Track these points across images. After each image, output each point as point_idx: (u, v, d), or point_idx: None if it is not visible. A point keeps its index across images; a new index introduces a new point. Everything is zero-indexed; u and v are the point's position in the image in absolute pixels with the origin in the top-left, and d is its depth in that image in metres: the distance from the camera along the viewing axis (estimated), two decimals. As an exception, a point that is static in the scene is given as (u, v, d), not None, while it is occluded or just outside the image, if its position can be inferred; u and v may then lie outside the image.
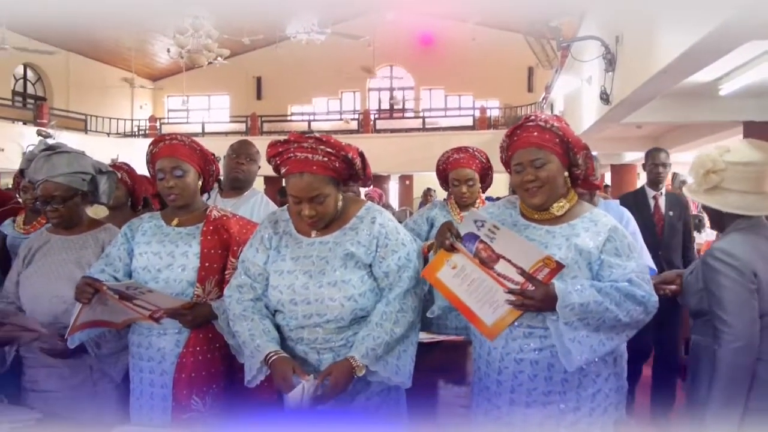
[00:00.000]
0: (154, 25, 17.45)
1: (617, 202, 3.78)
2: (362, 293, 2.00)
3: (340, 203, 2.05)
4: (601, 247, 1.91)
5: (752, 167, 1.99)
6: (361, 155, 2.06)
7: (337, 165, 1.97)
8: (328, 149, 1.96)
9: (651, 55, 4.83)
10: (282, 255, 2.06)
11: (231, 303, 2.08)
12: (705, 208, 2.16)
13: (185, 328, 2.21)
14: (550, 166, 1.93)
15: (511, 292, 1.83)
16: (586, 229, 1.94)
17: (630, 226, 3.26)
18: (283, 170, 2.00)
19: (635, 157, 12.62)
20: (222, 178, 3.41)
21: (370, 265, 2.04)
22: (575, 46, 7.87)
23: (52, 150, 2.45)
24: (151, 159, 2.31)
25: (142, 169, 2.39)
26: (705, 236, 7.17)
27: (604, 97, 6.75)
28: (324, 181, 1.96)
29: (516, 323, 1.90)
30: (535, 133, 1.95)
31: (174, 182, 2.25)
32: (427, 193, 10.20)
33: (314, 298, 1.98)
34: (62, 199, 2.40)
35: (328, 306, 1.97)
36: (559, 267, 1.79)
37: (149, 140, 2.43)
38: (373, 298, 2.03)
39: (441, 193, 5.91)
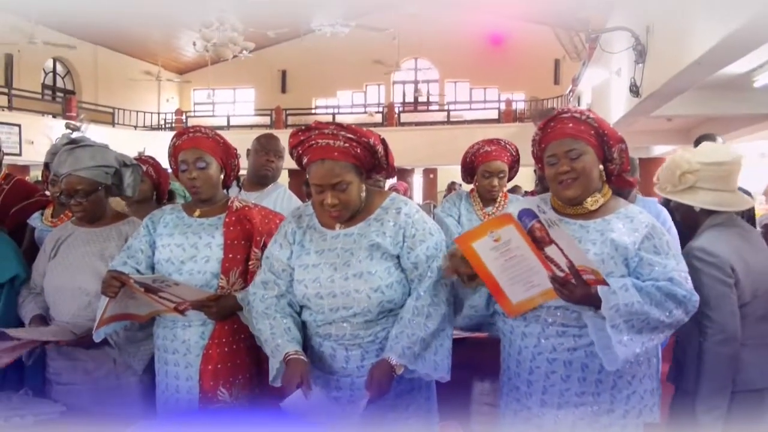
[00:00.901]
0: (180, 18, 17.56)
1: (655, 200, 3.62)
2: (389, 285, 1.96)
3: (363, 194, 2.01)
4: (639, 245, 1.84)
5: (724, 166, 2.15)
6: (383, 142, 2.02)
7: (358, 151, 1.94)
8: (349, 135, 1.93)
9: (683, 45, 4.71)
10: (306, 249, 2.03)
11: (255, 301, 2.06)
12: (677, 208, 2.29)
13: (210, 320, 2.20)
14: (585, 158, 1.88)
15: (554, 278, 1.76)
16: (622, 226, 1.88)
17: (667, 224, 3.08)
18: (305, 160, 1.98)
19: (664, 150, 12.42)
20: (246, 172, 3.41)
21: (398, 257, 2.00)
22: (604, 38, 7.75)
23: (76, 143, 2.45)
24: (173, 152, 2.31)
25: (167, 163, 2.39)
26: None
27: (634, 90, 6.63)
28: (346, 167, 1.92)
29: (550, 320, 1.86)
30: (571, 125, 1.90)
31: (196, 173, 2.24)
32: (452, 187, 10.16)
33: (340, 290, 1.95)
34: (86, 193, 2.40)
35: (355, 298, 1.94)
36: (603, 283, 1.73)
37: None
38: (401, 290, 1.99)
39: (466, 187, 5.87)
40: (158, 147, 16.50)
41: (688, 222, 2.27)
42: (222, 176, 2.33)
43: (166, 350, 2.26)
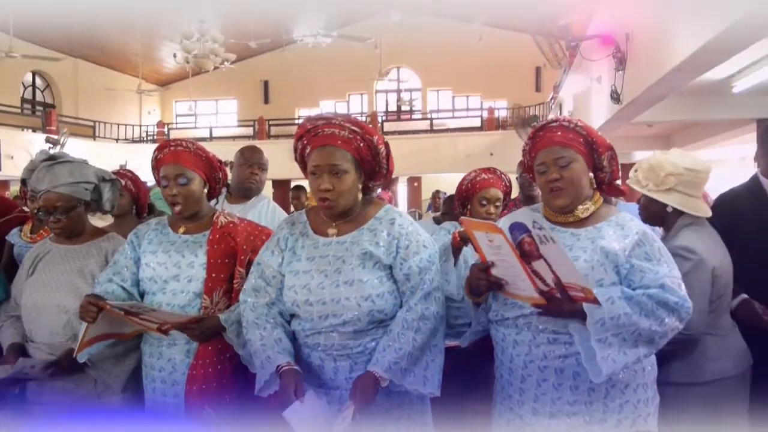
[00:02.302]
0: (160, 30, 17.51)
1: (636, 205, 3.64)
2: (380, 294, 1.94)
3: (359, 195, 2.01)
4: (630, 251, 1.83)
5: (701, 174, 2.32)
6: (386, 145, 2.03)
7: (361, 145, 1.96)
8: (355, 128, 1.96)
9: (663, 53, 4.76)
10: (297, 256, 2.02)
11: (245, 310, 2.03)
12: (649, 204, 2.40)
13: None
14: (575, 166, 1.88)
15: (541, 291, 1.74)
16: (613, 233, 1.87)
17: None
18: (308, 150, 1.98)
19: (645, 156, 12.55)
20: (230, 183, 3.38)
21: (390, 267, 1.98)
22: (584, 45, 7.81)
23: (54, 160, 2.41)
24: (156, 165, 2.28)
25: (150, 175, 2.35)
26: None
27: (615, 96, 6.68)
28: (346, 156, 1.94)
29: (541, 327, 1.84)
30: (559, 133, 1.90)
31: (177, 190, 2.21)
32: (436, 195, 10.17)
33: (330, 297, 1.93)
34: (65, 210, 2.36)
35: (344, 306, 1.92)
36: (594, 302, 1.71)
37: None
38: (392, 301, 1.97)
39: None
40: (140, 160, 16.40)
41: (654, 219, 2.40)
42: (206, 190, 2.30)
43: (153, 368, 2.22)
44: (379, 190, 5.82)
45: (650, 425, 1.88)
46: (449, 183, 3.55)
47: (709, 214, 2.36)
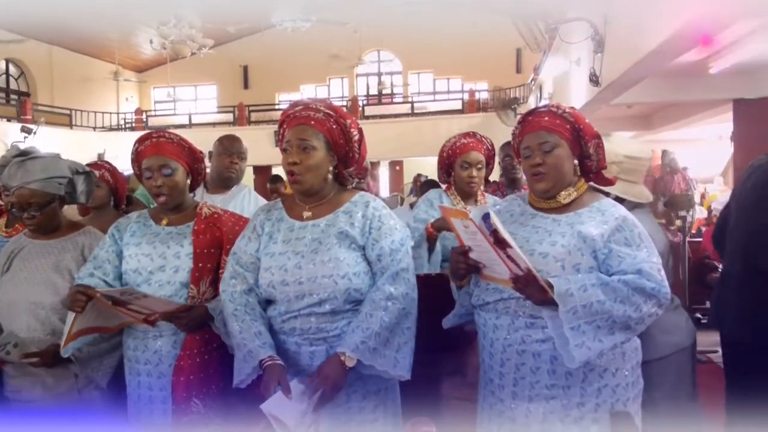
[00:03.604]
0: (137, 16, 17.21)
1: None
2: (356, 273, 1.97)
3: (330, 177, 2.04)
4: (608, 236, 1.85)
5: (642, 161, 2.37)
6: (360, 131, 2.07)
7: (333, 127, 2.00)
8: (328, 111, 2.01)
9: (641, 35, 4.77)
10: (274, 239, 2.04)
11: (225, 301, 2.04)
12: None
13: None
14: (558, 151, 1.90)
15: (516, 278, 1.75)
16: (592, 218, 1.89)
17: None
18: (286, 134, 2.03)
19: (625, 136, 12.66)
20: (208, 173, 3.36)
21: (364, 248, 2.01)
22: (563, 28, 7.81)
23: (26, 155, 2.38)
24: (137, 158, 2.26)
25: (130, 162, 2.32)
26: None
27: (594, 79, 6.70)
28: (316, 135, 1.99)
29: (520, 312, 1.86)
30: (546, 118, 1.92)
31: (162, 181, 2.20)
32: (417, 179, 10.16)
33: (307, 276, 1.94)
34: (39, 206, 2.33)
35: (321, 284, 1.94)
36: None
37: (136, 134, 2.38)
38: (369, 282, 1.99)
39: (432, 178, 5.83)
40: (119, 148, 16.21)
41: None
42: (189, 181, 2.29)
43: (138, 361, 2.21)
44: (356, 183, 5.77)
45: (630, 409, 1.90)
46: (431, 166, 3.60)
47: (651, 199, 2.42)
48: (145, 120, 20.34)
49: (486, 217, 1.72)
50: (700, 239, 7.46)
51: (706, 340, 6.39)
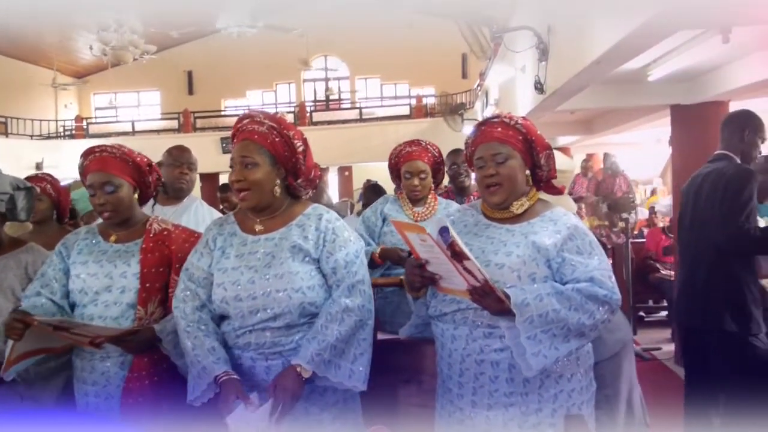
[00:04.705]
0: (75, 19, 16.67)
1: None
2: (311, 287, 1.97)
3: (278, 190, 2.02)
4: (561, 245, 1.90)
5: (567, 174, 2.40)
6: (305, 141, 2.07)
7: (276, 140, 1.99)
8: (272, 123, 2.01)
9: (583, 45, 4.91)
10: (227, 254, 2.02)
11: (177, 317, 2.02)
12: None
13: None
14: (511, 162, 1.94)
15: (474, 289, 1.78)
16: (545, 228, 1.94)
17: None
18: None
19: (568, 140, 12.95)
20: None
21: (318, 261, 2.01)
22: (508, 36, 7.94)
23: None
24: (83, 172, 2.20)
25: (70, 171, 2.26)
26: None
27: (539, 87, 6.83)
28: (260, 150, 1.98)
29: (478, 322, 1.89)
30: (499, 129, 1.96)
31: (105, 198, 2.16)
32: (366, 185, 10.14)
33: (261, 291, 1.94)
34: None
35: (275, 299, 1.93)
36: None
37: (76, 142, 2.33)
38: (323, 295, 1.99)
39: (384, 185, 5.86)
40: (58, 157, 15.65)
41: None
42: (137, 196, 2.24)
43: (86, 382, 2.16)
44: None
45: (584, 412, 1.96)
46: (380, 172, 3.63)
47: (575, 209, 2.51)
48: (85, 127, 19.68)
49: (443, 230, 1.74)
50: (643, 240, 7.73)
51: (650, 337, 6.67)
